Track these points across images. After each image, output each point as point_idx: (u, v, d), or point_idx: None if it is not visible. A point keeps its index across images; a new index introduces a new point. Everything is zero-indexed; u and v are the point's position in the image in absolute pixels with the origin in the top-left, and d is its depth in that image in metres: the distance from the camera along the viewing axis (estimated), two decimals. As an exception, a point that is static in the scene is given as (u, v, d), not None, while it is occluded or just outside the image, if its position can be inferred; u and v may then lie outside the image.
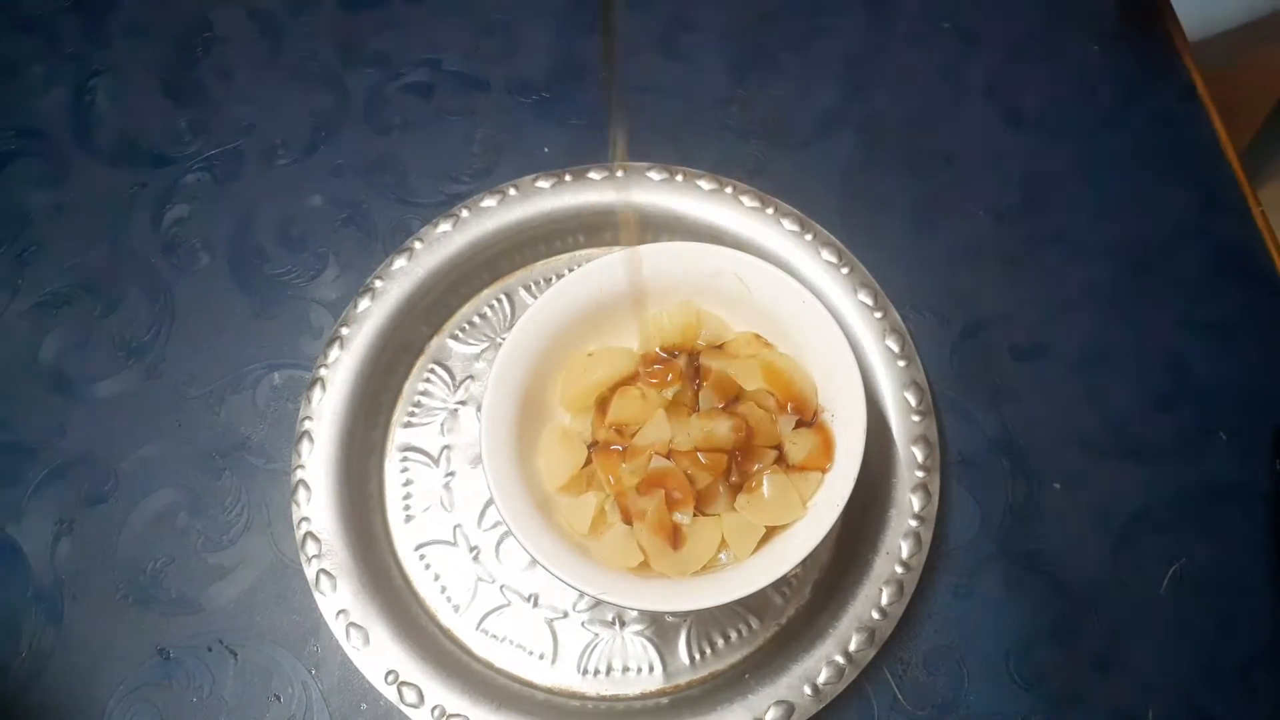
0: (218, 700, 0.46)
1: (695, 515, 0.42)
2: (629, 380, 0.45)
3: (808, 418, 0.44)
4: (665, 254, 0.46)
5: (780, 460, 0.43)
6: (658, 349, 0.46)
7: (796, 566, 0.40)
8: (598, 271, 0.45)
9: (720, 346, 0.46)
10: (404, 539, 0.49)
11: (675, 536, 0.42)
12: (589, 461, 0.44)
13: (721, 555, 0.43)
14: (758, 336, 0.46)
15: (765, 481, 0.42)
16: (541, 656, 0.46)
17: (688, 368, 0.45)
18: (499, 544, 0.48)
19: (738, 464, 0.43)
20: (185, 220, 0.56)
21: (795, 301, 0.44)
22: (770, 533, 0.42)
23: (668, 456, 0.43)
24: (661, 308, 0.46)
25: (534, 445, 0.44)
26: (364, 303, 0.51)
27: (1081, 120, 0.58)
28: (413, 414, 0.51)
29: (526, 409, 0.44)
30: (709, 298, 0.46)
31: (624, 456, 0.43)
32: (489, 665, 0.46)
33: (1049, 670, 0.46)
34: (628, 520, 0.42)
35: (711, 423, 0.43)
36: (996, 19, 0.61)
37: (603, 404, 0.45)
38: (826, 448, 0.43)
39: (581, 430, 0.45)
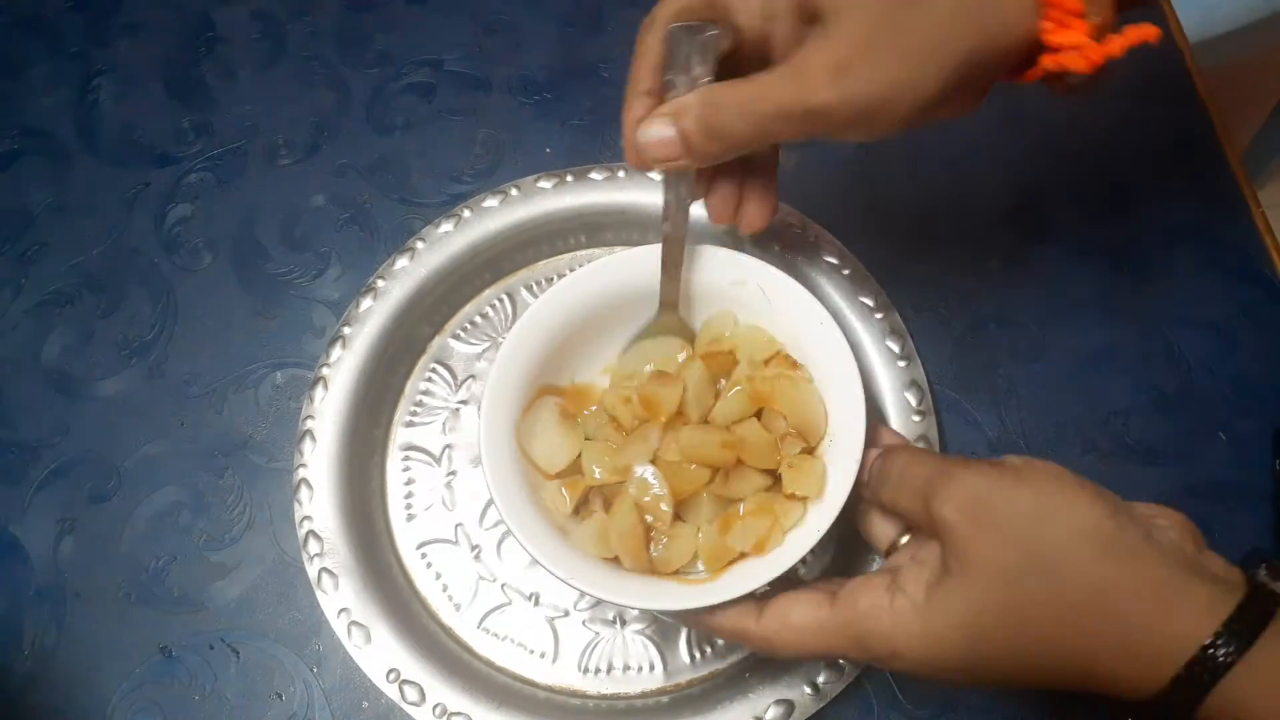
0: (219, 698, 0.46)
1: (674, 522, 0.42)
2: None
3: (812, 445, 0.43)
4: (692, 256, 0.45)
5: (774, 487, 0.42)
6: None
7: (764, 586, 0.38)
8: (602, 269, 0.45)
9: (746, 360, 0.44)
10: (405, 538, 0.49)
11: (645, 540, 0.41)
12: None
13: (700, 565, 0.42)
14: (787, 356, 0.44)
15: (747, 506, 0.41)
16: (542, 655, 0.47)
17: (705, 378, 0.44)
18: (500, 543, 0.49)
19: (725, 481, 0.42)
20: (188, 220, 0.56)
21: (814, 322, 0.43)
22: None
23: (654, 463, 0.42)
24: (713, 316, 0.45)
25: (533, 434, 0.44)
26: (366, 302, 0.51)
27: (1082, 120, 0.58)
28: (414, 413, 0.51)
29: (528, 392, 0.44)
30: (727, 306, 0.45)
31: (613, 454, 0.43)
32: (490, 664, 0.46)
33: (1049, 669, 0.46)
34: (608, 509, 0.42)
35: (704, 437, 0.42)
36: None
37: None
38: (821, 479, 0.41)
39: (582, 420, 0.45)
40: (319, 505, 0.48)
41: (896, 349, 0.50)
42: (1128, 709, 0.31)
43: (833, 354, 0.42)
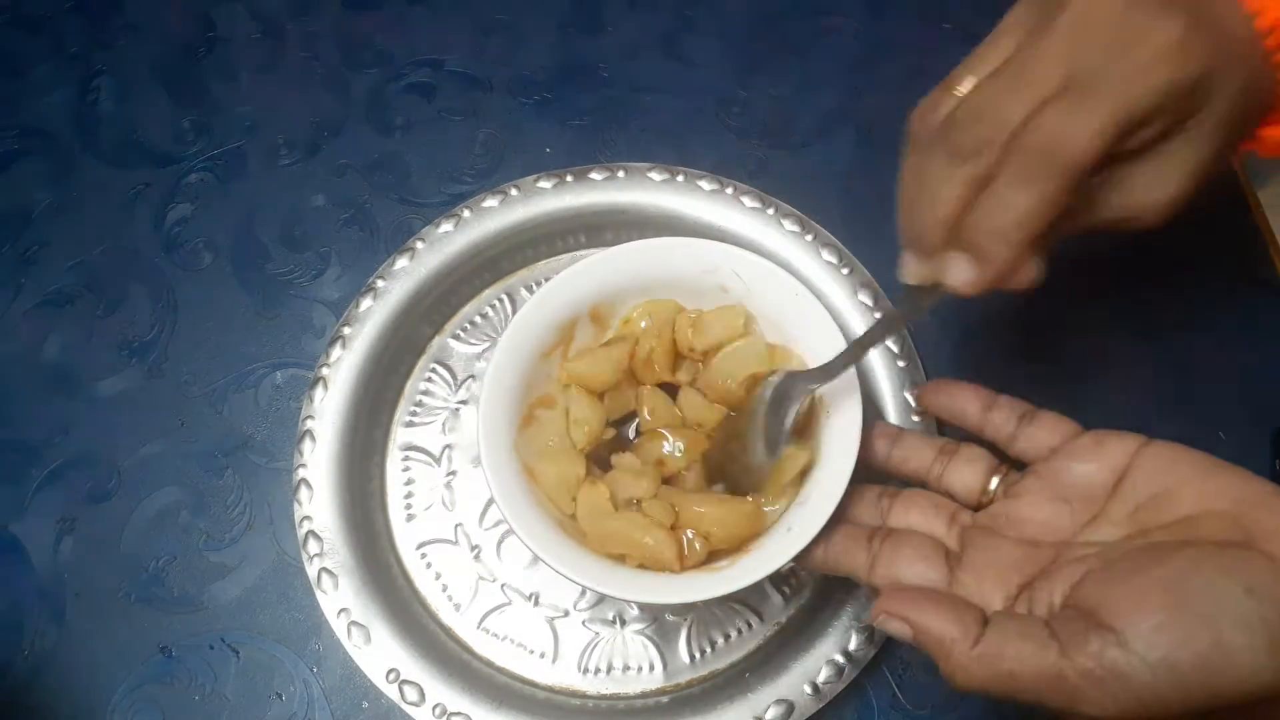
0: (219, 698, 0.46)
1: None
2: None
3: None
4: (661, 250, 0.45)
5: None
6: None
7: (780, 569, 0.39)
8: (594, 266, 0.45)
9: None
10: (405, 538, 0.49)
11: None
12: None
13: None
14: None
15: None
16: (542, 655, 0.47)
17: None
18: (500, 543, 0.49)
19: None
20: (188, 220, 0.56)
21: (789, 295, 0.44)
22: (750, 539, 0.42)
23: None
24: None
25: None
26: (366, 302, 0.51)
27: (1082, 121, 0.58)
28: (414, 413, 0.51)
29: (524, 402, 0.44)
30: (704, 295, 0.46)
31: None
32: (490, 664, 0.46)
33: (1049, 670, 0.46)
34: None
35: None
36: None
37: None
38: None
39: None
40: (319, 505, 0.48)
41: (896, 349, 0.50)
42: None
43: (813, 322, 0.43)
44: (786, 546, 0.38)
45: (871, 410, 0.48)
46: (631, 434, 0.46)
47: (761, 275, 0.44)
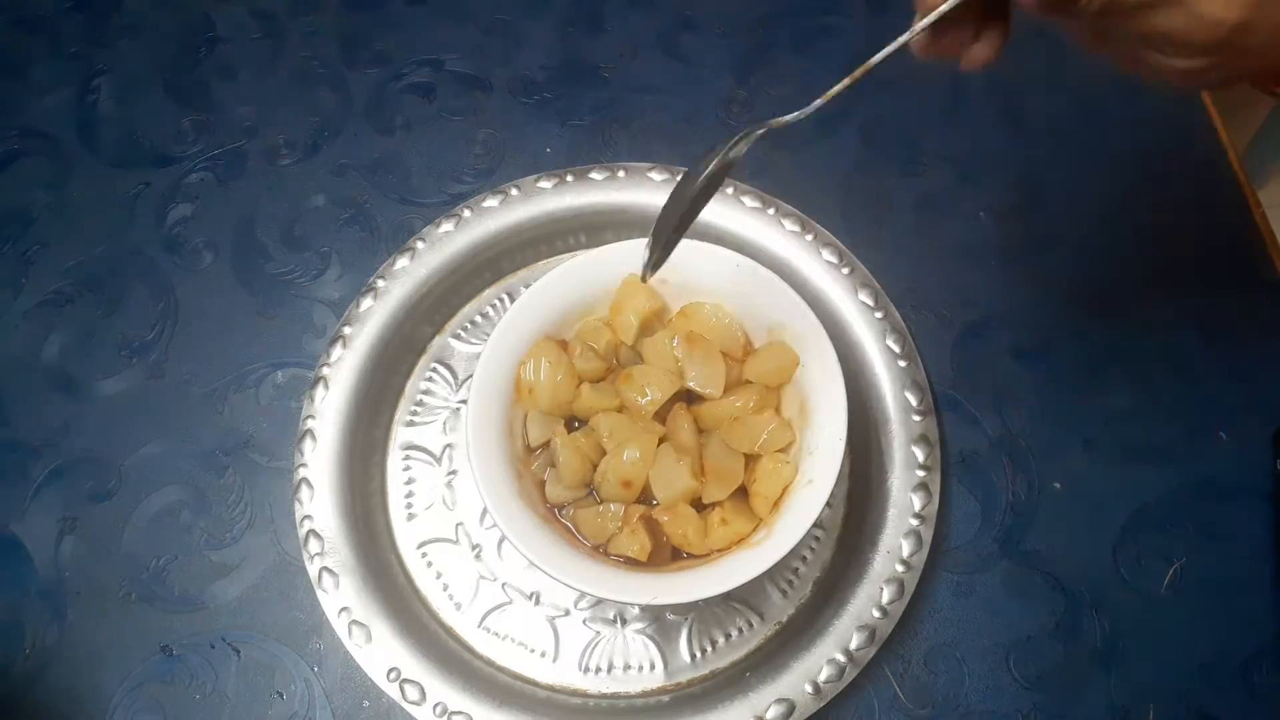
0: (220, 697, 0.46)
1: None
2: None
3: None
4: (586, 266, 0.45)
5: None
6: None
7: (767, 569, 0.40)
8: (580, 266, 0.45)
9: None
10: (406, 537, 0.49)
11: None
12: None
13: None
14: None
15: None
16: (543, 654, 0.47)
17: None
18: (501, 542, 0.49)
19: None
20: (188, 219, 0.56)
21: (729, 266, 0.44)
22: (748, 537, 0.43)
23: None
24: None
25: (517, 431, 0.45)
26: (366, 302, 0.51)
27: (1081, 120, 0.58)
28: (415, 412, 0.51)
29: (512, 403, 0.44)
30: (704, 295, 0.46)
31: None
32: (491, 663, 0.46)
33: (1049, 669, 0.46)
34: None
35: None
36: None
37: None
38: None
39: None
40: (319, 504, 0.48)
41: (897, 349, 0.50)
42: None
43: (762, 285, 0.44)
44: (776, 546, 0.38)
45: (879, 414, 0.49)
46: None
47: (694, 255, 0.44)
